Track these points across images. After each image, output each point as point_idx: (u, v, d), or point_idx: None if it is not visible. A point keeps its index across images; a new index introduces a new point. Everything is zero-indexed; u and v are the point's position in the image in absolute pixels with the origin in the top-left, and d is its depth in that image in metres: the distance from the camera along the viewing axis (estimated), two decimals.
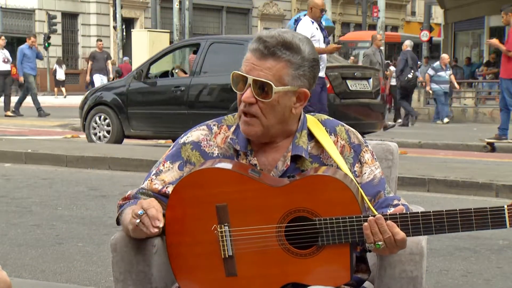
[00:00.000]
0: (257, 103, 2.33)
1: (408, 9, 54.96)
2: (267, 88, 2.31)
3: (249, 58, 2.34)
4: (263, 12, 46.43)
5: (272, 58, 2.31)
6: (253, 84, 2.32)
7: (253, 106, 2.34)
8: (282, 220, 2.27)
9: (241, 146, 2.42)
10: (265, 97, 2.32)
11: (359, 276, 2.48)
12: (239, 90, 2.36)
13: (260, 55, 2.32)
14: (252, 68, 2.32)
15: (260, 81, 2.31)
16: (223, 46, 12.58)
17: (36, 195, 8.01)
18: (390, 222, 2.23)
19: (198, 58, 12.29)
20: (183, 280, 2.34)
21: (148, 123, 12.66)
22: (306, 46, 2.35)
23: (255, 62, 2.32)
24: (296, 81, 2.34)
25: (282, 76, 2.32)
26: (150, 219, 2.23)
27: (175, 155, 2.48)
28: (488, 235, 6.11)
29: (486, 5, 25.91)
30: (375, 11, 30.42)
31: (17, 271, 5.05)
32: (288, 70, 2.32)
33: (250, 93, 2.33)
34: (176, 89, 12.29)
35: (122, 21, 27.42)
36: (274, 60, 2.31)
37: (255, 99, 2.33)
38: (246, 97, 2.33)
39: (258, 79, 2.31)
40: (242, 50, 11.93)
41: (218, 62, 12.18)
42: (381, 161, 2.69)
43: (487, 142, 13.65)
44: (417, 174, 9.09)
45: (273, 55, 2.31)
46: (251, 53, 2.34)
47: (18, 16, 37.46)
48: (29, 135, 14.77)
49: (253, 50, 2.33)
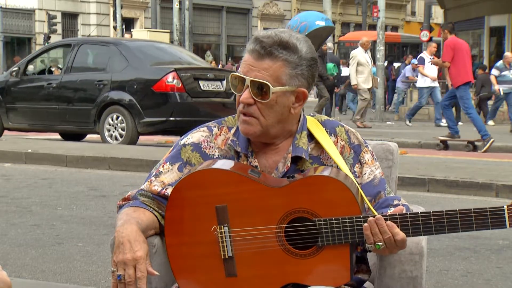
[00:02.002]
0: (255, 103, 2.33)
1: (408, 9, 54.94)
2: (265, 89, 2.31)
3: (246, 59, 2.34)
4: (263, 12, 46.42)
5: (269, 58, 2.31)
6: (251, 85, 2.32)
7: (252, 106, 2.34)
8: (282, 221, 2.27)
9: (242, 148, 2.42)
10: (263, 97, 2.32)
11: (360, 277, 2.48)
12: (238, 91, 2.36)
13: (257, 56, 2.32)
14: (249, 69, 2.32)
15: (258, 82, 2.31)
16: (92, 46, 13.97)
17: (36, 195, 8.01)
18: (390, 223, 2.23)
19: (69, 57, 13.51)
20: (182, 281, 2.34)
21: (24, 117, 13.82)
22: (304, 45, 2.35)
23: (252, 63, 2.32)
24: (294, 81, 2.34)
25: (279, 76, 2.32)
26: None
27: (175, 157, 2.48)
28: (488, 235, 6.12)
29: (486, 5, 25.89)
30: (375, 11, 30.39)
31: (17, 271, 5.05)
32: (285, 70, 2.32)
33: (248, 94, 2.33)
34: (49, 86, 13.47)
35: (122, 21, 27.43)
36: (271, 60, 2.31)
37: (253, 99, 2.33)
38: (245, 98, 2.33)
39: (256, 80, 2.31)
40: (108, 51, 13.20)
41: (87, 61, 13.71)
42: (381, 161, 2.69)
43: (440, 140, 14.25)
44: (417, 174, 9.10)
45: (270, 55, 2.30)
46: (248, 54, 2.34)
47: (18, 16, 37.45)
48: (29, 135, 14.77)
49: (250, 51, 2.33)
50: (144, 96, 12.62)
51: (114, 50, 13.08)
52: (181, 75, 12.53)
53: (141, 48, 13.48)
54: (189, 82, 12.69)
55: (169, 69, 12.56)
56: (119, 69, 12.85)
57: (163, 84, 12.48)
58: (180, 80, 12.49)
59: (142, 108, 12.54)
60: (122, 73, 12.80)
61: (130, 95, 12.63)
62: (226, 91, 13.08)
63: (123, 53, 12.97)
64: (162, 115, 12.56)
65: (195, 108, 12.67)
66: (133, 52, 13.04)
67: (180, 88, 12.46)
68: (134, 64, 12.80)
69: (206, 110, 12.73)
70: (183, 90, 12.53)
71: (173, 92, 12.47)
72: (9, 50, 37.08)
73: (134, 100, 12.59)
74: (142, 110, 12.54)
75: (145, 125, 12.67)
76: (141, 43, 14.60)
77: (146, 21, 39.32)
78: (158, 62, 13.02)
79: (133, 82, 12.69)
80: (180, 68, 12.67)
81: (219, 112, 12.47)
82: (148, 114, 12.57)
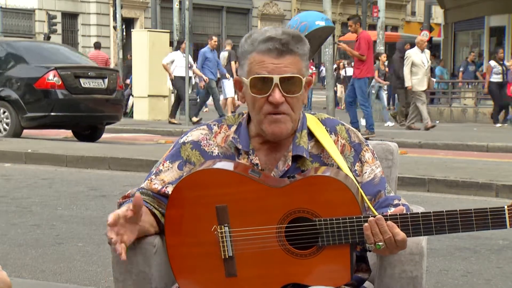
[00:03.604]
0: (286, 100, 2.34)
1: (408, 9, 54.93)
2: (297, 82, 2.33)
3: (264, 59, 2.33)
4: (263, 12, 46.41)
5: (289, 54, 2.33)
6: (281, 82, 2.32)
7: (283, 104, 2.34)
8: (282, 221, 2.27)
9: (243, 145, 2.43)
10: (295, 91, 2.34)
11: (360, 276, 2.48)
12: (262, 93, 2.33)
13: (277, 54, 2.32)
14: (274, 68, 2.32)
15: (289, 77, 2.32)
16: None
17: (36, 195, 8.01)
18: (391, 223, 2.23)
19: None
20: (183, 280, 2.34)
21: None
22: (305, 38, 2.40)
23: (275, 61, 2.32)
24: (307, 71, 2.39)
25: (301, 68, 2.35)
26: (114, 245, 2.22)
27: (175, 155, 2.48)
28: (488, 235, 6.12)
29: (486, 5, 25.90)
30: (375, 11, 30.36)
31: (17, 271, 5.05)
32: (302, 62, 2.36)
33: (279, 93, 2.32)
34: None
35: (122, 21, 27.38)
36: (291, 55, 2.33)
37: (285, 97, 2.33)
38: (278, 97, 2.32)
39: (287, 75, 2.32)
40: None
41: None
42: (381, 161, 2.68)
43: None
44: (417, 174, 9.10)
45: (290, 50, 2.33)
46: (264, 54, 2.33)
47: (18, 16, 37.43)
48: (29, 135, 14.77)
49: (267, 51, 2.32)
50: (26, 92, 13.71)
51: (2, 50, 14.11)
52: (61, 73, 13.64)
53: (28, 48, 14.67)
54: (69, 80, 13.80)
55: (50, 68, 13.61)
56: (6, 67, 13.91)
57: (44, 81, 13.57)
58: (61, 78, 13.61)
59: (25, 104, 13.62)
60: (9, 71, 13.85)
61: (15, 91, 13.73)
62: (107, 88, 14.36)
63: (11, 52, 14.08)
64: (43, 111, 13.63)
65: (75, 104, 13.83)
66: (19, 52, 14.14)
67: (60, 85, 13.61)
68: (20, 63, 13.91)
69: (88, 106, 14.03)
70: (63, 87, 13.67)
71: (54, 89, 13.61)
72: None
73: (18, 96, 13.67)
74: (25, 106, 13.62)
75: (28, 120, 13.73)
76: (29, 43, 16.29)
77: (146, 21, 39.29)
78: (42, 61, 13.98)
79: (18, 80, 13.79)
80: (61, 67, 13.78)
81: (101, 107, 14.27)
82: (31, 110, 13.63)
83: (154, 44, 19.96)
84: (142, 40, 20.18)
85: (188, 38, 18.19)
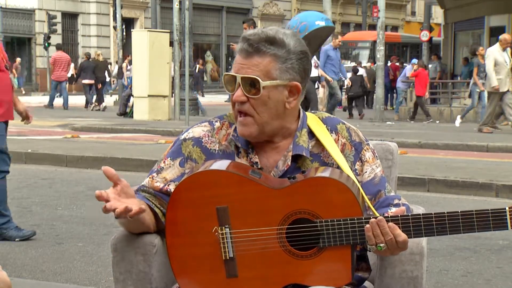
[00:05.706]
0: (248, 101, 2.35)
1: (408, 9, 54.96)
2: (256, 84, 2.33)
3: (236, 59, 2.38)
4: (263, 12, 46.42)
5: (257, 54, 2.33)
6: (242, 82, 2.34)
7: (245, 104, 2.36)
8: (283, 222, 2.26)
9: (242, 144, 2.43)
10: (255, 93, 2.34)
11: (360, 275, 2.48)
12: (231, 91, 2.38)
13: (246, 54, 2.34)
14: (240, 68, 2.35)
15: (248, 78, 2.33)
16: None
17: (36, 195, 8.01)
18: (392, 224, 2.23)
19: None
20: (183, 281, 2.34)
21: None
22: (291, 40, 2.36)
23: (242, 61, 2.35)
24: (285, 75, 2.35)
25: (269, 70, 2.33)
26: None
27: (176, 152, 2.48)
28: (488, 235, 6.11)
29: (486, 5, 25.88)
30: (375, 11, 30.38)
31: (17, 271, 5.05)
32: (275, 64, 2.34)
33: (241, 92, 2.35)
34: None
35: (122, 21, 27.38)
36: (260, 57, 2.33)
37: (246, 96, 2.35)
38: (237, 95, 2.35)
39: (246, 76, 2.33)
40: None
41: None
42: (381, 161, 2.68)
43: None
44: (417, 174, 9.10)
45: (258, 51, 2.33)
46: (238, 54, 2.37)
47: (18, 16, 37.44)
48: (29, 135, 14.77)
49: (239, 51, 2.36)
50: None
51: None
52: None
53: None
54: None
55: None
56: None
57: None
58: None
59: None
60: None
61: None
62: None
63: None
64: None
65: None
66: None
67: None
68: None
69: None
70: None
71: None
72: (9, 50, 37.03)
73: None
74: None
75: None
76: None
77: (146, 21, 39.31)
78: None
79: None
80: None
81: None
82: None
83: (154, 44, 19.94)
84: (142, 40, 20.15)
85: (188, 38, 18.17)
